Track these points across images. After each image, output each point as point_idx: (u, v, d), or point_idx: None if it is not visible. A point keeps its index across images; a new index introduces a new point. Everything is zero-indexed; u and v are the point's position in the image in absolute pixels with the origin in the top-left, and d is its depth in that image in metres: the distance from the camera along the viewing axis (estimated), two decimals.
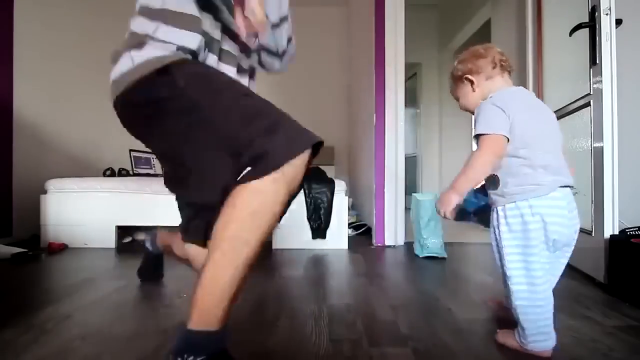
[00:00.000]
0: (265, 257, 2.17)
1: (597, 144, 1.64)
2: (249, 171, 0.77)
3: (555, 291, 1.00)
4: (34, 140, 2.74)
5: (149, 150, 1.02)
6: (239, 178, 0.78)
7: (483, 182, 1.06)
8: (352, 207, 3.42)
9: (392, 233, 2.57)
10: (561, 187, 0.97)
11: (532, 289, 0.96)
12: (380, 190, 2.59)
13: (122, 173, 3.05)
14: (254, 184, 0.75)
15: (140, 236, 2.70)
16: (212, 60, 0.92)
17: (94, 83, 2.78)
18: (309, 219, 2.45)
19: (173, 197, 0.98)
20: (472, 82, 1.14)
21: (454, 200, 0.99)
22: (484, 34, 4.10)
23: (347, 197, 2.60)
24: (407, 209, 2.50)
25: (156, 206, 2.48)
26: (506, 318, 1.15)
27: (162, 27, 0.84)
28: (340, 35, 4.48)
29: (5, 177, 2.54)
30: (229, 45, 0.96)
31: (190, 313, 0.77)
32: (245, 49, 1.00)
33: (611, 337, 1.07)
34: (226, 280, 0.76)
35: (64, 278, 1.74)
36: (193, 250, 0.97)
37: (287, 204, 0.83)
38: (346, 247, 2.47)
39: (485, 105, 1.03)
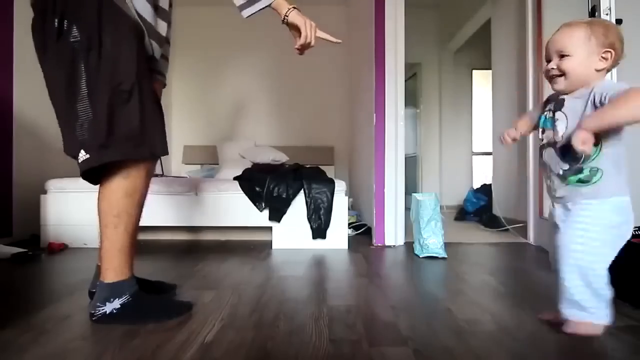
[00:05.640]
0: (265, 257, 2.17)
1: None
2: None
3: None
4: (34, 140, 2.74)
5: None
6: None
7: (483, 183, 1.06)
8: (352, 207, 3.42)
9: (392, 233, 2.57)
10: None
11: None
12: (380, 190, 2.59)
13: None
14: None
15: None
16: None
17: None
18: (309, 219, 2.45)
19: (173, 197, 1.00)
20: (608, 59, 1.02)
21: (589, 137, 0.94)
22: (484, 34, 4.10)
23: (347, 197, 2.60)
24: (407, 209, 2.50)
25: (156, 206, 2.47)
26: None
27: None
28: (340, 35, 4.44)
29: (5, 177, 2.54)
30: None
31: (105, 271, 1.14)
32: None
33: (611, 337, 1.07)
34: (124, 244, 1.16)
35: (64, 278, 1.74)
36: None
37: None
38: (346, 247, 2.47)
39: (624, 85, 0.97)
